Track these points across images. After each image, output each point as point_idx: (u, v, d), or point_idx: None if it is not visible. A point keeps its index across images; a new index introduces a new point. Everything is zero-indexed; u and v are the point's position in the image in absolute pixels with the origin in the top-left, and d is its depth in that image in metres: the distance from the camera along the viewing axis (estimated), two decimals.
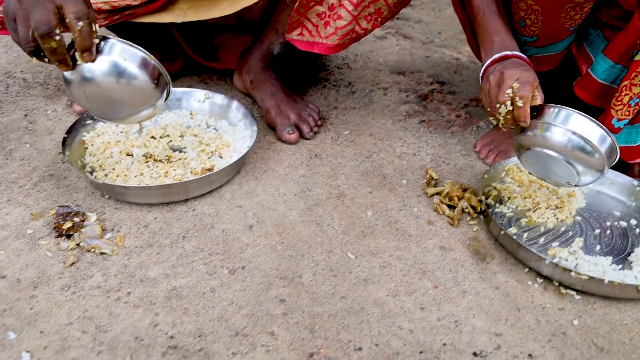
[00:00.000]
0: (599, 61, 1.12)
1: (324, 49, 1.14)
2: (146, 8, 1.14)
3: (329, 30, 1.11)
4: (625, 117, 1.10)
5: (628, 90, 1.07)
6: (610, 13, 1.11)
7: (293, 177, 1.14)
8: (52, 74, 1.46)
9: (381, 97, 1.50)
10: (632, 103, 1.08)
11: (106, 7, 1.11)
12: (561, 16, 1.07)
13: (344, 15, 1.09)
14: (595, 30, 1.17)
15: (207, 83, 1.47)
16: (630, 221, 1.09)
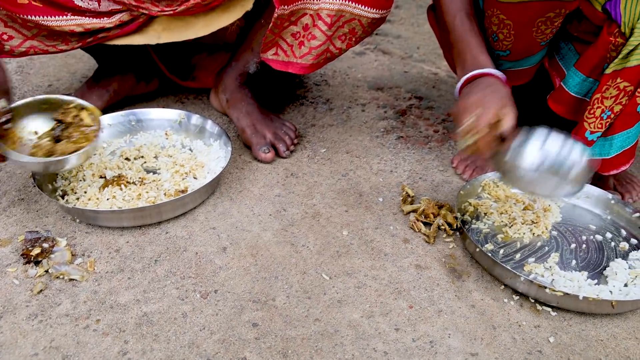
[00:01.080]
0: (571, 75, 1.13)
1: (299, 69, 1.14)
2: (120, 31, 1.14)
3: (303, 50, 1.11)
4: (598, 130, 1.10)
5: (600, 103, 1.08)
6: (581, 27, 1.12)
7: (268, 197, 1.13)
8: (26, 95, 1.44)
9: (359, 113, 1.51)
10: (604, 116, 1.09)
11: (79, 29, 1.10)
12: (532, 30, 1.08)
13: (317, 35, 1.09)
14: (567, 44, 1.18)
15: (183, 102, 1.46)
16: (606, 235, 1.09)
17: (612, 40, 1.04)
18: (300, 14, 1.06)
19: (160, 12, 1.10)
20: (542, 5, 1.01)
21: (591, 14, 1.06)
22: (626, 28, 1.02)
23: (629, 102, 1.07)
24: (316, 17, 1.06)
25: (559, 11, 1.03)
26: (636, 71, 1.03)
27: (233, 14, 1.12)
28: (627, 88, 1.05)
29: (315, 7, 1.05)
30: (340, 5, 1.05)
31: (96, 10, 1.11)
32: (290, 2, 1.02)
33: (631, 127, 1.12)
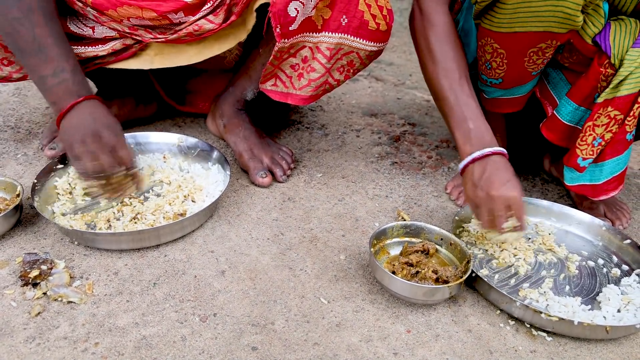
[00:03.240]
0: (564, 104, 1.17)
1: (298, 100, 1.16)
2: (115, 58, 1.16)
3: (302, 82, 1.13)
4: (589, 157, 1.14)
5: (591, 130, 1.11)
6: (572, 58, 1.16)
7: (266, 221, 1.14)
8: (24, 117, 1.45)
9: (354, 139, 1.53)
10: (596, 143, 1.12)
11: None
12: (525, 60, 1.12)
13: (317, 67, 1.11)
14: (557, 72, 1.22)
15: (180, 126, 1.48)
16: (598, 261, 1.12)
17: (602, 71, 1.08)
18: (300, 47, 1.09)
19: (153, 39, 1.12)
20: (535, 36, 1.05)
21: (582, 46, 1.10)
22: (616, 59, 1.06)
23: (619, 129, 1.11)
24: (315, 50, 1.09)
25: (551, 42, 1.06)
26: (626, 100, 1.07)
27: (226, 44, 1.14)
28: (618, 116, 1.09)
29: (315, 40, 1.08)
30: (339, 39, 1.07)
31: (91, 37, 1.13)
32: (291, 35, 1.05)
33: (621, 154, 1.16)
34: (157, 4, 1.05)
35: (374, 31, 1.09)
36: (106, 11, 1.06)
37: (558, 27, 1.01)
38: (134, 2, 1.04)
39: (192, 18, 1.07)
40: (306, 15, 1.02)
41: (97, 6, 1.05)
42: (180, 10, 1.05)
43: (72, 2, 1.08)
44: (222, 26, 1.07)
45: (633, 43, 1.05)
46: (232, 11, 1.06)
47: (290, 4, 0.99)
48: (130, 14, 1.06)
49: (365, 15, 1.05)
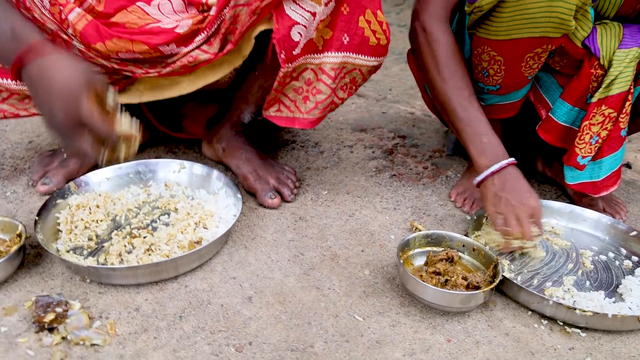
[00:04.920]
0: (559, 105, 1.21)
1: (305, 124, 1.14)
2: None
3: (309, 105, 1.11)
4: (588, 154, 1.18)
5: (588, 129, 1.15)
6: (562, 62, 1.20)
7: (282, 242, 1.11)
8: (6, 153, 1.37)
9: (349, 154, 1.52)
10: (593, 141, 1.16)
11: None
12: (522, 65, 1.14)
13: (323, 89, 1.10)
14: (548, 75, 1.26)
15: (175, 153, 1.43)
16: (609, 254, 1.14)
17: (593, 72, 1.12)
18: (302, 69, 1.08)
19: (144, 74, 1.07)
20: (532, 42, 1.08)
21: (572, 50, 1.14)
22: (605, 61, 1.11)
23: (613, 127, 1.15)
24: (319, 71, 1.08)
25: (546, 47, 1.09)
26: (618, 99, 1.12)
27: (220, 72, 1.10)
28: (611, 114, 1.14)
29: (317, 61, 1.07)
30: (342, 57, 1.07)
31: None
32: (294, 59, 1.03)
33: (617, 150, 1.20)
34: (148, 36, 1.01)
35: (375, 46, 1.09)
36: (94, 45, 1.00)
37: (553, 31, 1.05)
38: (124, 35, 0.99)
39: (185, 49, 1.02)
40: (308, 38, 1.02)
41: (85, 38, 0.99)
42: (173, 42, 1.01)
43: (56, 34, 1.02)
44: (217, 56, 1.03)
45: (619, 44, 1.10)
46: (228, 40, 1.03)
47: (293, 28, 0.97)
48: (119, 48, 1.01)
49: (366, 32, 1.06)
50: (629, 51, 1.08)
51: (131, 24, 1.01)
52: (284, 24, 0.97)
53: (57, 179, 1.20)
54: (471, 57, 1.21)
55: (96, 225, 1.07)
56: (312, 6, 0.97)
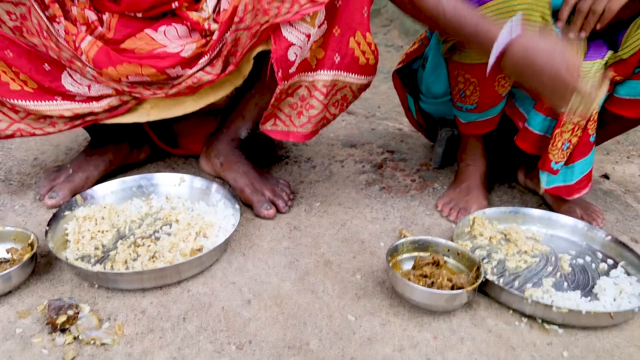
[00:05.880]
0: (533, 116, 1.29)
1: (299, 137, 1.21)
2: (109, 114, 1.18)
3: (302, 120, 1.19)
4: (561, 160, 1.26)
5: (560, 137, 1.24)
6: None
7: (279, 250, 1.17)
8: (12, 169, 1.43)
9: (340, 169, 1.60)
10: (565, 147, 1.25)
11: (68, 114, 1.14)
12: (494, 85, 1.23)
13: (315, 105, 1.17)
14: (520, 90, 1.34)
15: (174, 168, 1.50)
16: (586, 258, 1.21)
17: None
18: (297, 86, 1.15)
19: (152, 95, 1.15)
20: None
21: None
22: None
23: (583, 133, 1.24)
24: (312, 88, 1.15)
25: None
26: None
27: (221, 91, 1.18)
28: (580, 122, 1.23)
29: (310, 79, 1.14)
30: (334, 75, 1.15)
31: (86, 95, 1.15)
32: (290, 77, 1.11)
33: (587, 155, 1.29)
34: (156, 60, 1.09)
35: (364, 66, 1.17)
36: (106, 69, 1.08)
37: None
38: (133, 60, 1.07)
39: (190, 71, 1.10)
40: (303, 57, 1.10)
41: (97, 64, 1.07)
42: (178, 65, 1.09)
43: (71, 61, 1.10)
44: (220, 76, 1.11)
45: (584, 57, 1.19)
46: (230, 61, 1.11)
47: (290, 49, 1.06)
48: (129, 72, 1.08)
49: (356, 52, 1.14)
50: (593, 63, 1.17)
51: (140, 50, 1.08)
52: (281, 45, 1.06)
53: (64, 192, 1.26)
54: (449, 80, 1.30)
55: (102, 235, 1.13)
56: (306, 28, 1.06)
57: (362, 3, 1.10)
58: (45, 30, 1.08)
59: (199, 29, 1.11)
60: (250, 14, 1.06)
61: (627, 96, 1.22)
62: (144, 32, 1.11)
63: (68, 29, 1.07)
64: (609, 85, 1.05)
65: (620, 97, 1.24)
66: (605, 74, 1.09)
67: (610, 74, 1.08)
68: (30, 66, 1.11)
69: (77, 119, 1.18)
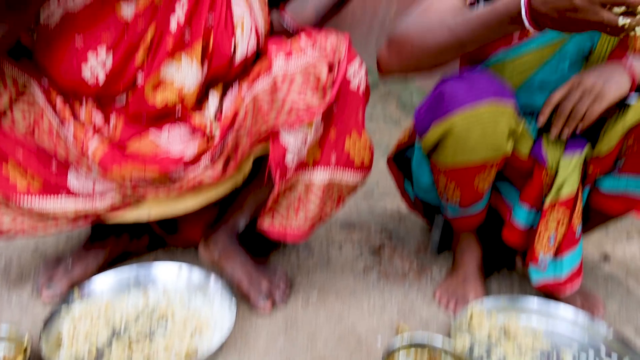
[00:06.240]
0: (518, 209, 1.29)
1: (296, 237, 1.22)
2: (111, 212, 1.20)
3: (299, 218, 1.20)
4: (548, 254, 1.25)
5: (545, 230, 1.23)
6: (514, 172, 1.30)
7: (274, 350, 1.16)
8: (13, 259, 1.44)
9: (338, 254, 1.60)
10: (551, 242, 1.24)
11: (72, 215, 1.16)
12: (474, 185, 1.24)
13: (312, 203, 1.19)
14: (505, 182, 1.35)
15: (173, 254, 1.51)
16: (589, 352, 1.20)
17: (543, 179, 1.22)
18: (294, 186, 1.18)
19: (154, 195, 1.17)
20: (476, 167, 1.18)
21: (520, 163, 1.25)
22: (552, 169, 1.21)
23: (568, 226, 1.23)
24: (309, 186, 1.17)
25: (491, 168, 1.20)
26: (568, 201, 1.21)
27: (222, 188, 1.21)
28: (565, 217, 1.22)
29: (307, 178, 1.17)
30: (330, 175, 1.17)
31: (90, 192, 1.17)
32: (288, 178, 1.14)
33: (575, 248, 1.26)
34: (159, 163, 1.12)
35: (360, 165, 1.20)
36: (110, 170, 1.11)
37: (493, 156, 1.15)
38: (137, 162, 1.10)
39: (192, 172, 1.13)
40: (300, 159, 1.13)
41: (103, 165, 1.10)
42: (180, 167, 1.13)
43: (78, 161, 1.13)
44: (221, 177, 1.14)
45: (564, 150, 1.21)
46: (230, 162, 1.14)
47: (287, 153, 1.09)
48: (133, 173, 1.11)
49: (352, 152, 1.17)
50: (572, 157, 1.18)
51: (144, 152, 1.12)
52: (279, 150, 1.09)
53: (61, 285, 1.27)
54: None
55: (96, 335, 1.12)
56: (304, 133, 1.09)
57: (357, 105, 1.14)
58: (55, 132, 1.12)
59: (201, 131, 1.15)
60: (250, 119, 1.09)
61: (609, 191, 1.22)
62: (148, 134, 1.14)
63: (76, 131, 1.11)
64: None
65: (603, 192, 1.23)
66: None
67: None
68: (39, 164, 1.14)
69: (80, 219, 1.20)
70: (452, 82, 1.09)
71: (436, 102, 1.10)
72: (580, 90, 1.09)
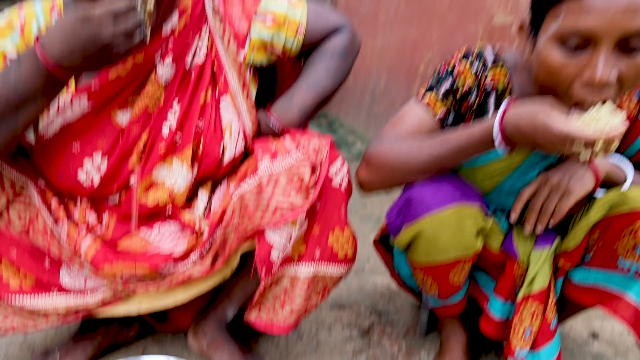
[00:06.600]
0: (493, 301, 1.32)
1: (281, 329, 1.24)
2: (102, 307, 1.23)
3: (285, 311, 1.23)
4: (525, 347, 1.25)
5: (520, 324, 1.25)
6: (488, 264, 1.34)
7: None
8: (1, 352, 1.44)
9: (327, 337, 1.61)
10: (527, 334, 1.25)
11: (63, 311, 1.19)
12: (449, 279, 1.27)
13: (297, 296, 1.22)
14: (481, 272, 1.39)
15: (162, 344, 1.51)
16: None
17: (515, 272, 1.26)
18: (280, 279, 1.21)
19: (144, 290, 1.20)
20: (450, 264, 1.21)
21: (492, 256, 1.29)
22: (523, 262, 1.25)
23: (543, 319, 1.25)
24: (295, 280, 1.21)
25: (464, 263, 1.23)
26: (541, 294, 1.23)
27: (211, 281, 1.24)
28: (538, 310, 1.24)
29: (293, 272, 1.20)
30: (314, 269, 1.21)
31: (81, 288, 1.20)
32: (273, 273, 1.17)
33: (551, 341, 1.27)
34: (149, 260, 1.16)
35: (343, 258, 1.23)
36: (102, 268, 1.15)
37: (464, 254, 1.19)
38: (128, 260, 1.14)
39: (181, 267, 1.17)
40: (285, 254, 1.17)
41: (95, 263, 1.14)
42: (170, 262, 1.17)
43: (70, 259, 1.18)
44: (209, 272, 1.18)
45: (534, 244, 1.25)
46: (219, 257, 1.18)
47: (273, 250, 1.13)
48: (124, 270, 1.15)
49: (335, 247, 1.21)
50: (542, 251, 1.22)
51: (134, 249, 1.16)
52: (265, 247, 1.13)
53: None
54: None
55: None
56: (288, 231, 1.14)
57: (339, 203, 1.20)
58: (49, 232, 1.16)
59: (190, 227, 1.20)
60: (237, 217, 1.14)
61: (581, 283, 1.24)
62: (139, 232, 1.19)
63: (70, 231, 1.16)
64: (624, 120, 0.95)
65: (575, 284, 1.25)
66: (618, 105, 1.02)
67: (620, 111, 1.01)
68: (32, 263, 1.17)
69: (70, 314, 1.22)
70: (420, 187, 1.14)
71: (405, 206, 1.16)
72: (548, 187, 1.15)
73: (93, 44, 0.92)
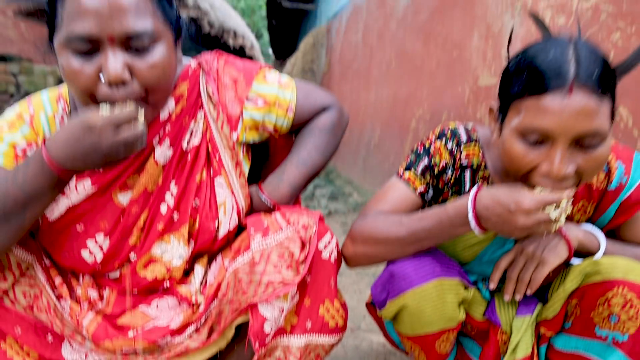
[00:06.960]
0: None
1: None
2: None
3: None
4: None
5: None
6: (473, 331, 1.38)
7: None
8: None
9: None
10: None
11: None
12: (436, 348, 1.30)
13: None
14: (467, 339, 1.42)
15: None
16: None
17: (499, 339, 1.30)
18: (273, 350, 1.26)
19: None
20: (435, 335, 1.25)
21: (476, 324, 1.33)
22: (507, 328, 1.29)
23: None
24: (287, 351, 1.25)
25: (449, 333, 1.27)
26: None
27: (207, 352, 1.28)
28: None
29: (285, 343, 1.25)
30: (306, 339, 1.25)
31: None
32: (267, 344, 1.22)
33: None
34: (148, 334, 1.21)
35: (334, 328, 1.28)
36: (102, 343, 1.20)
37: (448, 324, 1.23)
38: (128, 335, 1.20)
39: (178, 339, 1.22)
40: (278, 326, 1.22)
41: (96, 339, 1.19)
42: (168, 335, 1.22)
43: (72, 335, 1.23)
44: (205, 344, 1.23)
45: (516, 311, 1.30)
46: (214, 329, 1.24)
47: (266, 323, 1.18)
48: (124, 345, 1.20)
49: (326, 317, 1.25)
50: (523, 319, 1.27)
51: (134, 324, 1.21)
52: (258, 321, 1.18)
53: None
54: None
55: None
56: (280, 304, 1.19)
57: (329, 274, 1.25)
58: (52, 308, 1.22)
59: (187, 300, 1.26)
60: (232, 291, 1.20)
61: (563, 350, 1.26)
62: (138, 308, 1.25)
63: (72, 308, 1.21)
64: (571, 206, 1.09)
65: (557, 350, 1.27)
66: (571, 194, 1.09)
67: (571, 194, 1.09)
68: (35, 339, 1.22)
69: None
70: (402, 262, 1.20)
71: (388, 282, 1.22)
72: (523, 257, 1.21)
73: (94, 151, 1.00)
